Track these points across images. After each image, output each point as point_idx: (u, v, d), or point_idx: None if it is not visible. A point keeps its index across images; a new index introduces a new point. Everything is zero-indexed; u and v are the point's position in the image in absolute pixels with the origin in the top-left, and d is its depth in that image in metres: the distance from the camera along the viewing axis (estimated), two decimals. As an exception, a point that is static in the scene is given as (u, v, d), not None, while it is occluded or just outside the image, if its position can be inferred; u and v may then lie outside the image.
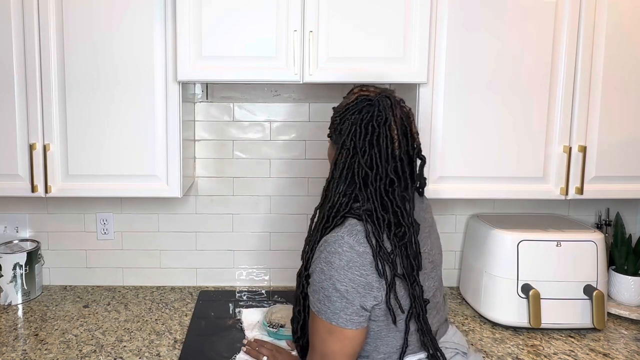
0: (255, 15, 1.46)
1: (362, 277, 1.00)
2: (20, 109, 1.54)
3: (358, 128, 1.07)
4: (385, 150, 1.05)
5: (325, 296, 1.02)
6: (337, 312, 1.01)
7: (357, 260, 1.00)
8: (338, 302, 1.00)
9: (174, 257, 1.95)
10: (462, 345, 1.15)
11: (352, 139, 1.07)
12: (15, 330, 1.59)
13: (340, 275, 1.00)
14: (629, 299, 1.73)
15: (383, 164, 1.05)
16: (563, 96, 1.55)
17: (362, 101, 1.09)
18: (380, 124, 1.06)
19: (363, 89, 1.13)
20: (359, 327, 1.02)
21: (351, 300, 1.00)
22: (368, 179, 1.05)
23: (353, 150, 1.07)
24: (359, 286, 1.00)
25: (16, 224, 1.91)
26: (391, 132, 1.06)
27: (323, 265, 1.02)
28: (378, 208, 1.03)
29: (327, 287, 1.01)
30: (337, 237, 1.02)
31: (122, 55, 1.52)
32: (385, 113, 1.06)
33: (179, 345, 1.51)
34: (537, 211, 1.95)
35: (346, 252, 1.01)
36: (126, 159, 1.57)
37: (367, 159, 1.05)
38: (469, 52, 1.53)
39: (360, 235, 1.02)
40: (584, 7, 1.52)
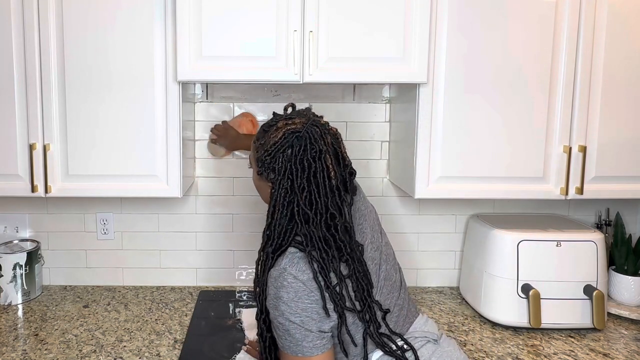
0: (255, 15, 1.46)
1: (313, 304, 1.00)
2: (20, 109, 1.54)
3: (293, 166, 1.04)
4: (323, 184, 1.03)
5: (284, 331, 1.01)
6: (298, 343, 1.01)
7: (303, 289, 1.00)
8: (297, 334, 1.00)
9: (174, 257, 1.95)
10: (432, 332, 1.14)
11: (289, 177, 1.04)
12: (15, 330, 1.59)
13: (291, 307, 1.00)
14: (629, 299, 1.73)
15: (322, 199, 1.03)
16: (563, 96, 1.55)
17: (289, 135, 1.06)
18: (316, 158, 1.04)
19: (288, 122, 1.09)
20: (325, 350, 1.02)
21: (309, 328, 1.00)
22: (309, 218, 1.03)
23: (291, 189, 1.04)
24: (313, 313, 1.00)
25: (16, 224, 1.92)
26: (327, 164, 1.05)
27: (273, 301, 1.02)
28: (321, 244, 1.02)
29: (283, 322, 1.01)
30: (280, 271, 1.01)
31: (122, 55, 1.52)
32: (318, 145, 1.04)
33: (179, 345, 1.51)
34: (537, 211, 1.95)
35: (291, 283, 1.00)
36: (126, 159, 1.57)
37: (307, 195, 1.03)
38: (469, 52, 1.53)
39: (301, 262, 1.01)
40: (584, 7, 1.52)
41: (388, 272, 1.14)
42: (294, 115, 1.12)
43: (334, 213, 1.04)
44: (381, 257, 1.14)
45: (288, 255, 1.03)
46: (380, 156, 1.93)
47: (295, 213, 1.04)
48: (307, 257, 1.02)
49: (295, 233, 1.05)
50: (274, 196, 1.07)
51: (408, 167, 1.64)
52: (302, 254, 1.02)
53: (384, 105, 1.90)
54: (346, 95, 1.89)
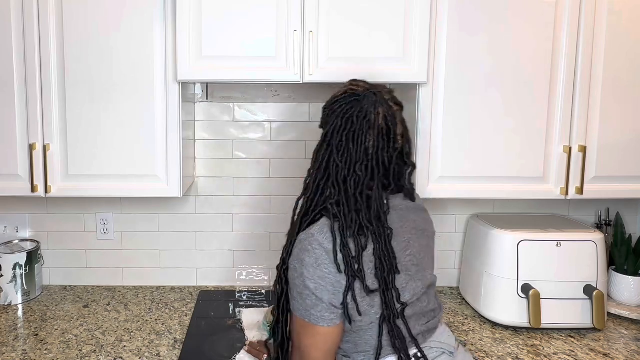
0: (255, 15, 1.46)
1: (331, 275, 1.00)
2: (20, 109, 1.54)
3: (339, 121, 1.07)
4: (360, 146, 1.04)
5: (298, 293, 1.03)
6: (308, 309, 1.02)
7: (326, 258, 1.00)
8: (309, 300, 1.02)
9: (174, 257, 1.95)
10: (449, 344, 1.12)
11: (333, 131, 1.08)
12: (15, 330, 1.59)
13: (310, 272, 1.01)
14: (629, 299, 1.73)
15: (356, 161, 1.04)
16: (563, 96, 1.55)
17: (349, 95, 1.09)
18: (360, 119, 1.05)
19: (353, 83, 1.13)
20: (331, 325, 1.02)
21: (321, 298, 1.01)
22: (340, 175, 1.05)
23: (332, 142, 1.07)
24: (328, 284, 1.00)
25: (16, 224, 1.92)
26: (368, 129, 1.05)
27: (295, 262, 1.04)
28: (348, 205, 1.03)
29: (299, 284, 1.02)
30: (308, 235, 1.03)
31: (122, 55, 1.52)
32: (366, 109, 1.06)
33: (179, 345, 1.51)
34: (537, 211, 1.95)
35: (315, 249, 1.01)
36: (126, 159, 1.57)
37: (343, 152, 1.05)
38: (469, 52, 1.53)
39: (330, 234, 1.02)
40: (584, 7, 1.52)
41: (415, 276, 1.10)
42: (362, 81, 1.14)
43: (368, 177, 1.04)
44: (417, 275, 1.11)
45: (320, 224, 1.04)
46: None
47: (330, 167, 1.06)
48: (335, 223, 1.02)
49: (329, 191, 1.06)
50: (318, 148, 1.10)
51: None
52: (332, 224, 1.03)
53: (384, 105, 1.90)
54: (346, 95, 1.88)
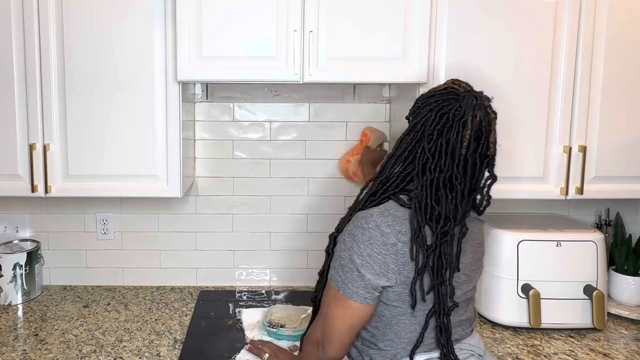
0: (255, 15, 1.46)
1: (380, 255, 1.01)
2: (20, 109, 1.54)
3: (433, 115, 1.04)
4: (453, 145, 1.02)
5: (341, 265, 1.05)
6: (346, 282, 1.03)
7: (379, 239, 1.01)
8: (349, 273, 1.03)
9: (174, 257, 1.95)
10: (478, 347, 1.14)
11: (423, 123, 1.05)
12: (15, 330, 1.59)
13: (360, 248, 1.02)
14: (629, 299, 1.73)
15: (445, 157, 1.02)
16: (563, 96, 1.55)
17: (448, 93, 1.07)
18: (456, 118, 1.02)
19: (455, 82, 1.10)
20: (364, 303, 1.03)
21: (363, 274, 1.01)
22: (427, 166, 1.03)
23: (420, 134, 1.05)
24: (375, 263, 1.01)
25: (16, 224, 1.91)
26: (464, 130, 1.02)
27: (346, 236, 1.05)
28: (431, 197, 1.02)
29: (344, 257, 1.04)
30: (367, 214, 1.03)
31: (122, 55, 1.52)
32: (465, 110, 1.02)
33: (179, 345, 1.51)
34: (537, 211, 1.95)
35: (371, 229, 1.01)
36: (126, 159, 1.57)
37: (432, 146, 1.03)
38: (469, 52, 1.53)
39: (390, 218, 1.02)
40: (584, 7, 1.52)
41: (461, 285, 1.11)
42: (464, 83, 1.12)
43: (456, 175, 1.02)
44: (463, 285, 1.11)
45: (382, 207, 1.04)
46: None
47: (416, 157, 1.05)
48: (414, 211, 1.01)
49: (407, 180, 1.06)
50: (404, 136, 1.09)
51: (408, 167, 1.64)
52: (395, 213, 1.03)
53: (384, 105, 1.90)
54: (346, 95, 1.89)
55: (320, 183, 1.93)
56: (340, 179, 1.92)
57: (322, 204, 1.93)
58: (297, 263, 1.97)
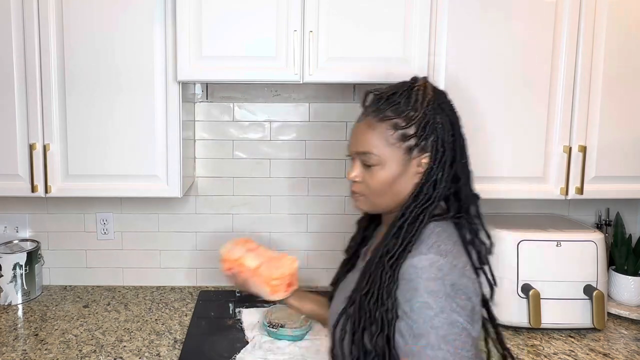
0: (255, 15, 1.46)
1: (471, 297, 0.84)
2: (20, 109, 1.54)
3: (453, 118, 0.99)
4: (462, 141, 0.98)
5: (441, 337, 0.79)
6: (460, 351, 0.79)
7: (468, 282, 0.85)
8: (463, 336, 0.80)
9: (174, 257, 1.95)
10: None
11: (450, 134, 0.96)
12: (15, 330, 1.59)
13: (456, 303, 0.81)
14: (629, 299, 1.73)
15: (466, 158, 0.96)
16: (563, 96, 1.55)
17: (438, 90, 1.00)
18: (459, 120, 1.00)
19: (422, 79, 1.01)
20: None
21: (469, 331, 0.82)
22: (468, 181, 0.95)
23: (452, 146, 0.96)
24: (471, 311, 0.83)
25: (16, 224, 1.91)
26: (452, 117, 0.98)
27: (431, 299, 0.80)
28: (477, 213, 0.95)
29: (441, 324, 0.79)
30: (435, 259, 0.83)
31: (122, 55, 1.52)
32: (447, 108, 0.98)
33: (179, 345, 1.51)
34: (537, 211, 1.94)
35: (461, 276, 0.84)
36: (126, 159, 1.57)
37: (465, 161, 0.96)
38: (469, 52, 1.53)
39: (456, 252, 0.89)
40: (584, 7, 1.52)
41: None
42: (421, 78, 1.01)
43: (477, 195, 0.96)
44: None
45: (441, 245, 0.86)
46: None
47: (458, 172, 0.93)
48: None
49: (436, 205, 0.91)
50: (433, 160, 0.91)
51: (408, 167, 1.64)
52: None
53: (384, 105, 1.90)
54: (346, 95, 1.89)
55: (320, 183, 1.92)
56: (340, 178, 1.92)
57: (322, 204, 1.93)
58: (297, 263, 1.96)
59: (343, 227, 1.93)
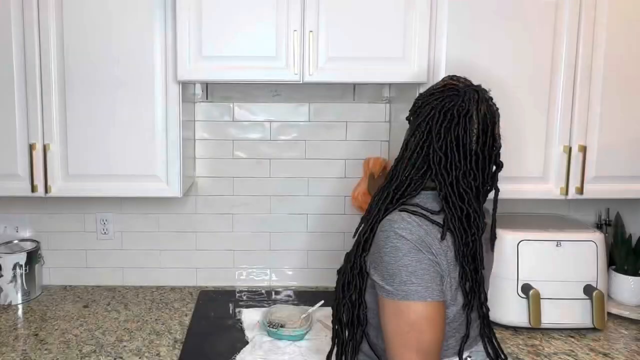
0: (255, 15, 1.46)
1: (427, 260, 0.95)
2: (20, 109, 1.54)
3: (437, 113, 1.02)
4: (464, 142, 1.01)
5: (409, 273, 0.93)
6: (428, 284, 0.93)
7: (426, 238, 0.96)
8: (428, 274, 0.94)
9: (174, 257, 1.95)
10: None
11: (428, 122, 1.03)
12: (15, 330, 1.59)
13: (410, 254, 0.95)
14: (629, 299, 1.73)
15: (458, 154, 1.01)
16: (563, 96, 1.55)
17: (448, 90, 1.05)
18: (461, 115, 1.01)
19: (453, 78, 1.09)
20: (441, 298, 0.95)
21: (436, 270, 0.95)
22: (442, 165, 1.01)
23: (427, 134, 1.02)
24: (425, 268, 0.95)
25: (16, 224, 1.91)
26: (471, 125, 1.01)
27: (388, 248, 0.95)
28: (456, 197, 1.00)
29: (408, 262, 0.94)
30: (399, 216, 0.98)
31: (122, 55, 1.52)
32: (469, 105, 1.02)
33: (179, 345, 1.51)
34: (537, 211, 1.94)
35: (415, 229, 0.96)
36: (126, 159, 1.57)
37: (442, 144, 1.01)
38: (469, 52, 1.53)
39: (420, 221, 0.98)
40: (584, 7, 1.52)
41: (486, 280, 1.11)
42: (462, 78, 1.11)
43: (472, 172, 1.01)
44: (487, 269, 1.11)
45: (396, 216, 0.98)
46: (380, 156, 1.92)
47: (430, 158, 1.01)
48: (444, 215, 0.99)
49: (421, 182, 1.02)
50: (409, 138, 1.05)
51: (408, 167, 1.64)
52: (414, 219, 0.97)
53: (384, 105, 1.90)
54: (346, 95, 1.89)
55: (320, 183, 1.92)
56: (340, 178, 1.92)
57: (322, 204, 1.93)
58: (297, 263, 1.97)
59: (343, 227, 1.94)
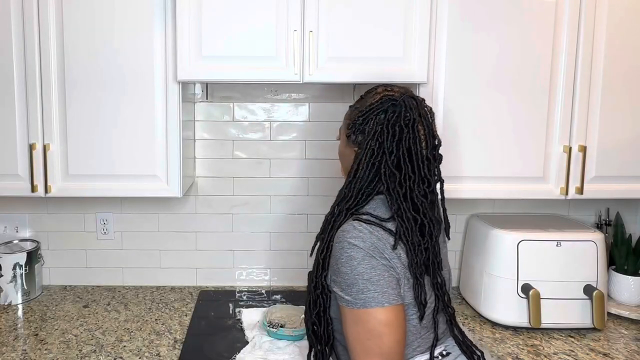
0: (255, 15, 1.46)
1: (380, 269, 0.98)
2: (20, 109, 1.54)
3: (385, 129, 1.04)
4: (414, 151, 1.04)
5: (366, 280, 0.96)
6: (384, 289, 0.96)
7: (378, 244, 0.98)
8: (383, 280, 0.96)
9: (174, 257, 1.95)
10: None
11: (377, 139, 1.05)
12: (15, 330, 1.59)
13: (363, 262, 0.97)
14: (629, 299, 1.73)
15: (411, 165, 1.03)
16: (563, 96, 1.56)
17: (386, 101, 1.07)
18: (408, 125, 1.04)
19: (387, 89, 1.11)
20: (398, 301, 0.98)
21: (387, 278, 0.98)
22: (396, 180, 1.03)
23: (379, 150, 1.05)
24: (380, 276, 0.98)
25: (16, 224, 1.91)
26: (418, 133, 1.05)
27: (345, 252, 0.98)
28: (409, 209, 1.02)
29: (362, 271, 0.96)
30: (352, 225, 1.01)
31: (122, 55, 1.52)
32: (412, 114, 1.05)
33: (179, 345, 1.51)
34: (537, 211, 1.95)
35: (367, 236, 0.99)
36: (126, 159, 1.57)
37: (394, 159, 1.04)
38: (469, 52, 1.53)
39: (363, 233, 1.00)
40: (584, 7, 1.52)
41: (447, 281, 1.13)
42: (394, 86, 1.13)
43: (424, 179, 1.04)
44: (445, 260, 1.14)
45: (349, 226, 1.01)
46: None
47: (381, 174, 1.04)
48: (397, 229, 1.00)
49: (372, 198, 1.05)
50: (359, 157, 1.07)
51: (408, 167, 1.64)
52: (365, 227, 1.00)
53: (384, 105, 1.90)
54: (346, 95, 1.89)
55: (320, 183, 1.92)
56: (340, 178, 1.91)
57: (322, 204, 1.93)
58: (297, 263, 1.97)
59: (343, 227, 1.94)
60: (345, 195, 1.07)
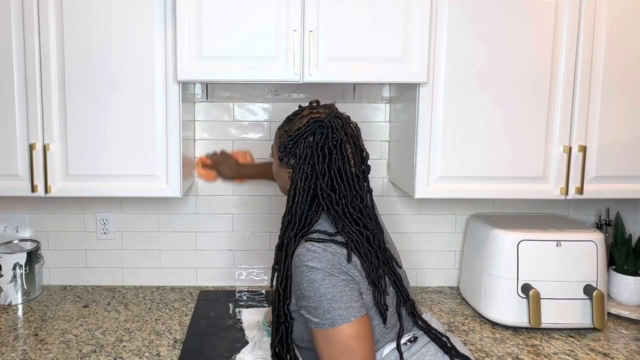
0: (255, 15, 1.46)
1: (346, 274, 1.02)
2: (20, 109, 1.54)
3: (314, 152, 1.08)
4: (344, 170, 1.08)
5: (330, 300, 0.99)
6: (348, 305, 0.99)
7: (333, 259, 1.02)
8: (345, 296, 0.99)
9: (174, 257, 1.95)
10: (438, 330, 1.16)
11: (309, 162, 1.09)
12: (15, 330, 1.59)
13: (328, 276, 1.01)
14: (629, 298, 1.73)
15: (344, 184, 1.07)
16: (563, 96, 1.55)
17: (313, 124, 1.10)
18: (337, 146, 1.08)
19: (313, 111, 1.15)
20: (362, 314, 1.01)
21: (348, 293, 1.01)
22: (332, 200, 1.07)
23: (312, 173, 1.08)
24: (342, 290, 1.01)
25: (16, 224, 1.92)
26: (346, 152, 1.09)
27: (305, 276, 1.01)
28: (351, 225, 1.06)
29: (324, 292, 0.99)
30: (306, 248, 1.03)
31: (122, 55, 1.52)
32: (339, 134, 1.09)
33: (179, 345, 1.52)
34: (537, 211, 1.95)
35: (322, 255, 1.02)
36: (126, 159, 1.57)
37: (328, 180, 1.07)
38: (469, 52, 1.53)
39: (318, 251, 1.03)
40: (584, 7, 1.52)
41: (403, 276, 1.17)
42: (319, 107, 1.18)
43: (356, 196, 1.08)
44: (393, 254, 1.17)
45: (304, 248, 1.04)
46: (380, 156, 1.92)
47: (319, 197, 1.08)
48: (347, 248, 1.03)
49: (316, 219, 1.08)
50: (295, 180, 1.10)
51: (408, 167, 1.64)
52: (318, 246, 1.03)
53: (384, 105, 1.90)
54: (346, 95, 1.89)
55: (320, 183, 1.92)
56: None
57: (322, 204, 1.93)
58: (297, 263, 1.97)
59: (343, 227, 1.94)
60: (289, 222, 1.10)
